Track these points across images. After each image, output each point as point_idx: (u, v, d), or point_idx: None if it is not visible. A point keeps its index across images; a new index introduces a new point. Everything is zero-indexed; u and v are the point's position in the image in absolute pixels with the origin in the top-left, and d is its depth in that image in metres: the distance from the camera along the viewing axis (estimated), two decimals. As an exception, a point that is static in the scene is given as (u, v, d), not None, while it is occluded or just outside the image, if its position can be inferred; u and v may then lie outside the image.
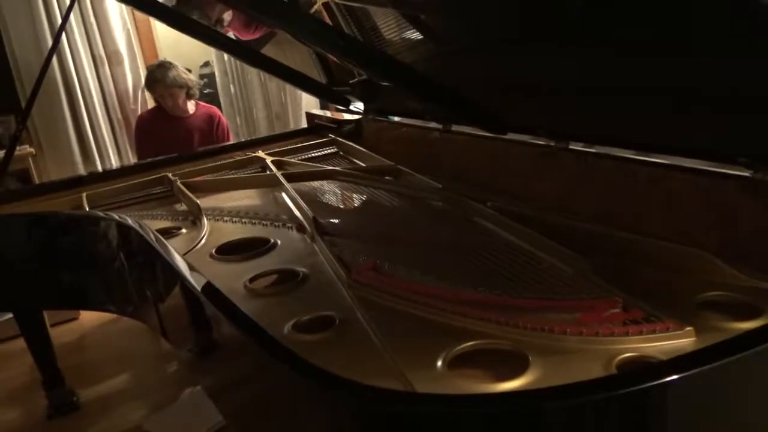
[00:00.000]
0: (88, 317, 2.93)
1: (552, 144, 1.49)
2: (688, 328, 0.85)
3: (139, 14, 3.34)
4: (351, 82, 2.28)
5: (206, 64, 5.03)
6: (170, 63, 3.03)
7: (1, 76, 2.97)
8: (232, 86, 3.83)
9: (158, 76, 2.93)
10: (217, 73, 4.01)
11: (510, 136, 1.63)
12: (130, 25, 3.28)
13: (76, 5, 3.05)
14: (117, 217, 1.51)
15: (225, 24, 2.46)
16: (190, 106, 3.06)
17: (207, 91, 4.92)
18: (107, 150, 3.27)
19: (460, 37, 1.60)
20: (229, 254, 1.39)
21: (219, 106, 4.14)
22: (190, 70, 5.06)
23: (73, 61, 3.10)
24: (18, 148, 3.09)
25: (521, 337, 0.89)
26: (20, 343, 2.21)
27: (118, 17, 3.21)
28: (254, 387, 1.02)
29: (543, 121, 1.48)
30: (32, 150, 3.10)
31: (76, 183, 2.15)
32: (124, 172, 2.25)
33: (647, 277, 1.06)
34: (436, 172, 1.76)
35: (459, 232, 1.33)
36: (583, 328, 0.87)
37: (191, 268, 1.14)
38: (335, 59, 2.25)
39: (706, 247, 1.06)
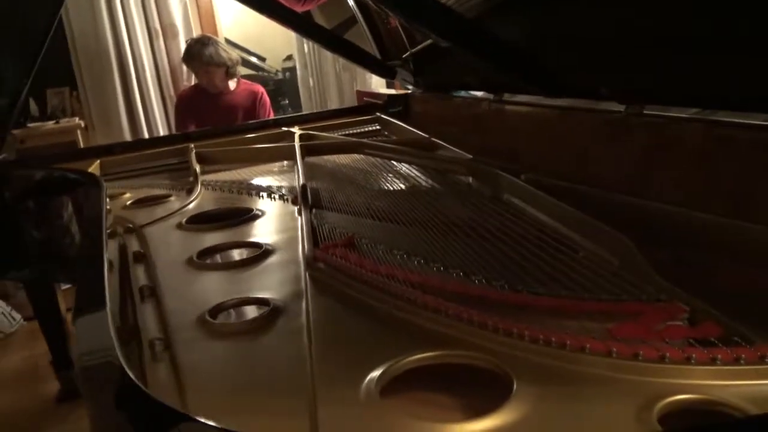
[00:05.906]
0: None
1: (622, 110, 1.12)
2: (801, 361, 0.50)
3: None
4: (404, 56, 2.04)
5: (289, 57, 4.89)
6: (210, 38, 2.76)
7: (58, 49, 2.89)
8: (311, 79, 3.66)
9: (195, 52, 2.69)
10: (297, 66, 3.84)
11: (570, 102, 1.28)
12: (187, -2, 3.13)
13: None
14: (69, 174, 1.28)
15: None
16: (231, 83, 2.84)
17: (280, 77, 4.80)
18: (157, 126, 3.12)
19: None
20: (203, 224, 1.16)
21: (298, 99, 3.96)
22: (264, 59, 4.98)
23: (128, 32, 2.98)
24: (67, 119, 3.06)
25: (510, 350, 0.55)
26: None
27: (175, -12, 3.07)
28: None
29: (611, 79, 1.12)
30: (81, 122, 3.01)
31: (103, 151, 2.01)
32: (154, 143, 2.09)
33: (740, 278, 0.69)
34: (485, 149, 1.44)
35: (480, 212, 1.00)
36: (612, 344, 0.53)
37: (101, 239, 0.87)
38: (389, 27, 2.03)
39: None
